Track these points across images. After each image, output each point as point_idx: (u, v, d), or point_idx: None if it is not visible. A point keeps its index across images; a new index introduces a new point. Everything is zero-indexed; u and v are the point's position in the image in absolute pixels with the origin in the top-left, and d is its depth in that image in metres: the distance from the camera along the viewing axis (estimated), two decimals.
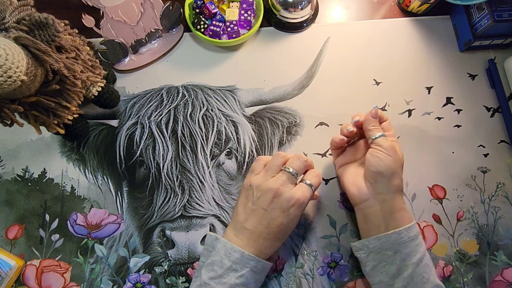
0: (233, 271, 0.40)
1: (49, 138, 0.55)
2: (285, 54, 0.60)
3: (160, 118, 0.54)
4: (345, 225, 0.52)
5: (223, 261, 0.40)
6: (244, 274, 0.40)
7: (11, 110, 0.38)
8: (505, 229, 0.52)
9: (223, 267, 0.40)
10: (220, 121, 0.55)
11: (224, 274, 0.39)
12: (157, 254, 0.49)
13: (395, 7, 0.64)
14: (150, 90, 0.57)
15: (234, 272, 0.40)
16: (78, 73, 0.43)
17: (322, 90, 0.58)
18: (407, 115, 0.57)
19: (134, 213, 0.51)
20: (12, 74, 0.33)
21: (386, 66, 0.60)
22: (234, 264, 0.40)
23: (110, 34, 0.56)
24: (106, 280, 0.49)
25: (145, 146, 0.53)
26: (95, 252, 0.50)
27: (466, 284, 0.50)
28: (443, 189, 0.54)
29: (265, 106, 0.57)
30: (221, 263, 0.40)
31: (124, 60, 0.58)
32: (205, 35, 0.57)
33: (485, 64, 0.60)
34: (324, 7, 0.63)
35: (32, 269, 0.49)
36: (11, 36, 0.34)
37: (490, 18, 0.53)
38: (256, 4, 0.59)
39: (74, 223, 0.51)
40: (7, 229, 0.51)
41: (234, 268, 0.40)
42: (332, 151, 0.52)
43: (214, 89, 0.57)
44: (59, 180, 0.53)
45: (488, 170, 0.55)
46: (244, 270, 0.40)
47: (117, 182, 0.53)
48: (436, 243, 0.51)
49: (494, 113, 0.58)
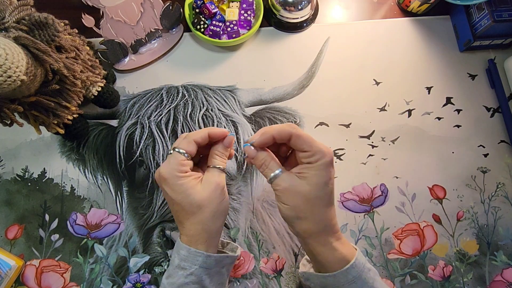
0: (181, 269, 0.37)
1: (49, 138, 0.55)
2: (285, 54, 0.60)
3: (160, 118, 0.54)
4: (345, 225, 0.52)
5: (174, 259, 0.38)
6: (193, 272, 0.36)
7: (11, 110, 0.38)
8: (505, 229, 0.52)
9: (173, 264, 0.38)
10: (220, 121, 0.55)
11: (173, 273, 0.37)
12: (157, 254, 0.49)
13: (395, 7, 0.64)
14: (150, 90, 0.57)
15: (183, 270, 0.37)
16: (78, 73, 0.43)
17: (322, 90, 0.58)
18: (407, 115, 0.57)
19: (134, 213, 0.51)
20: (12, 74, 0.33)
21: (386, 66, 0.60)
22: (182, 262, 0.37)
23: (110, 34, 0.56)
24: (106, 280, 0.49)
25: (145, 146, 0.53)
26: (94, 252, 0.50)
27: (466, 284, 0.50)
28: (443, 189, 0.54)
29: (265, 106, 0.57)
30: (173, 260, 0.38)
31: (124, 60, 0.58)
32: (205, 35, 0.57)
33: (485, 64, 0.60)
34: (324, 7, 0.63)
35: (31, 269, 0.49)
36: (11, 36, 0.34)
37: (490, 18, 0.53)
38: (256, 4, 0.59)
39: (74, 223, 0.51)
40: (6, 229, 0.51)
41: (182, 266, 0.37)
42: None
43: (214, 89, 0.57)
44: (59, 180, 0.53)
45: (488, 170, 0.55)
46: (192, 268, 0.37)
47: (117, 182, 0.53)
48: (436, 243, 0.51)
49: (494, 113, 0.58)
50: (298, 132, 0.35)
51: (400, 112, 0.57)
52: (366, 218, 0.52)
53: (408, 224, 0.52)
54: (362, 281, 0.36)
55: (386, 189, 0.54)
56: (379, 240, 0.51)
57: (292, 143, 0.36)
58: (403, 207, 0.53)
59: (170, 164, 0.37)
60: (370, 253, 0.51)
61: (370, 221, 0.52)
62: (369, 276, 0.37)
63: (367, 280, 0.36)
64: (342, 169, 0.54)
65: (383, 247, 0.51)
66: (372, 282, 0.36)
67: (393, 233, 0.52)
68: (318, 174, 0.35)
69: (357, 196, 0.53)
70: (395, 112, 0.57)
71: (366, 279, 0.36)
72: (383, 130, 0.56)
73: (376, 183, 0.54)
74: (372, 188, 0.54)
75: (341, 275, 0.36)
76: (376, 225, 0.52)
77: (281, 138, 0.36)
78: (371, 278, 0.37)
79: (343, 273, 0.36)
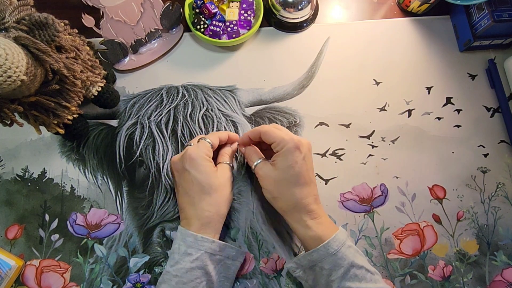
0: (188, 255, 0.40)
1: (49, 138, 0.55)
2: (285, 54, 0.60)
3: (160, 118, 0.54)
4: (345, 225, 0.52)
5: (180, 247, 0.41)
6: (199, 257, 0.40)
7: (11, 110, 0.38)
8: (505, 229, 0.52)
9: (179, 252, 0.40)
10: (220, 121, 0.55)
11: (180, 259, 0.40)
12: (157, 254, 0.49)
13: (395, 7, 0.64)
14: (150, 90, 0.57)
15: (189, 256, 0.40)
16: (78, 73, 0.43)
17: (322, 90, 0.58)
18: (407, 115, 0.57)
19: (134, 213, 0.51)
20: (12, 74, 0.33)
21: (386, 66, 0.60)
22: (189, 248, 0.40)
23: (110, 34, 0.56)
24: (106, 280, 0.49)
25: (145, 146, 0.53)
26: (94, 252, 0.50)
27: (466, 284, 0.50)
28: (443, 189, 0.54)
29: (265, 106, 0.57)
30: (178, 249, 0.41)
31: (124, 60, 0.58)
32: (205, 35, 0.57)
33: (485, 64, 0.60)
34: (324, 7, 0.63)
35: (31, 269, 0.49)
36: (11, 36, 0.34)
37: (490, 18, 0.53)
38: (256, 4, 0.59)
39: (73, 223, 0.51)
40: (6, 229, 0.51)
41: (189, 253, 0.40)
42: None
43: (214, 89, 0.57)
44: (58, 180, 0.53)
45: (488, 170, 0.55)
46: (198, 253, 0.40)
47: (117, 182, 0.53)
48: (436, 243, 0.51)
49: (494, 113, 0.58)
50: (264, 129, 0.44)
51: (400, 112, 0.57)
52: (366, 218, 0.52)
53: (408, 224, 0.52)
54: (342, 253, 0.40)
55: (386, 189, 0.54)
56: (379, 240, 0.51)
57: (263, 138, 0.44)
58: (403, 207, 0.53)
59: (200, 148, 0.44)
60: (370, 253, 0.51)
61: (370, 221, 0.52)
62: (350, 252, 0.41)
63: (346, 255, 0.40)
64: (342, 169, 0.54)
65: (383, 247, 0.51)
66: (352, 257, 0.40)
67: (393, 233, 0.52)
68: (283, 159, 0.42)
69: (357, 196, 0.53)
70: (395, 112, 0.57)
71: (346, 254, 0.40)
72: (383, 130, 0.56)
73: (376, 183, 0.54)
74: (372, 188, 0.54)
75: (323, 248, 0.40)
76: (376, 225, 0.52)
77: (255, 136, 0.45)
78: (351, 254, 0.41)
79: (325, 246, 0.40)
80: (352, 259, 0.40)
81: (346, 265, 0.40)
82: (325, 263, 0.40)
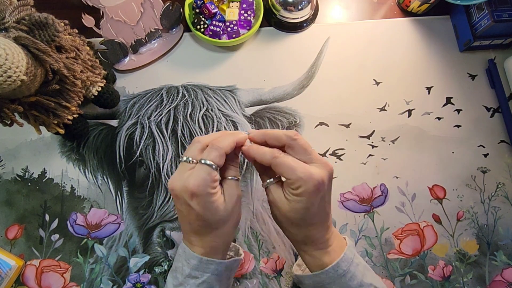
0: (193, 278, 0.37)
1: (49, 138, 0.55)
2: (285, 54, 0.60)
3: (160, 118, 0.54)
4: (345, 225, 0.52)
5: (184, 268, 0.37)
6: (205, 280, 0.37)
7: (11, 110, 0.38)
8: (505, 229, 0.52)
9: (183, 273, 0.37)
10: (220, 121, 0.55)
11: (184, 282, 0.37)
12: (157, 254, 0.49)
13: (395, 7, 0.64)
14: (150, 90, 0.57)
15: (195, 279, 0.37)
16: (78, 73, 0.43)
17: (322, 90, 0.58)
18: (407, 115, 0.57)
19: (134, 213, 0.51)
20: (12, 74, 0.33)
21: (386, 66, 0.60)
22: (193, 271, 0.37)
23: (110, 34, 0.56)
24: (106, 280, 0.49)
25: (145, 146, 0.53)
26: (95, 252, 0.50)
27: (466, 284, 0.50)
28: (443, 189, 0.54)
29: (265, 106, 0.57)
30: (182, 269, 0.38)
31: (124, 60, 0.58)
32: (205, 35, 0.57)
33: (485, 64, 0.60)
34: (324, 7, 0.63)
35: (32, 269, 0.49)
36: (11, 36, 0.34)
37: (490, 18, 0.53)
38: (256, 4, 0.59)
39: (74, 223, 0.51)
40: (7, 229, 0.51)
41: (194, 275, 0.37)
42: None
43: (214, 89, 0.57)
44: (59, 180, 0.53)
45: (488, 170, 0.55)
46: (204, 276, 0.37)
47: (117, 182, 0.53)
48: (436, 243, 0.51)
49: (494, 113, 0.58)
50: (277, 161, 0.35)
51: (400, 112, 0.57)
52: (366, 218, 0.52)
53: (408, 224, 0.52)
54: (352, 273, 0.37)
55: (386, 189, 0.54)
56: (379, 240, 0.51)
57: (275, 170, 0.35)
58: (403, 207, 0.53)
59: (202, 179, 0.33)
60: (370, 253, 0.51)
61: (370, 221, 0.52)
62: (358, 270, 0.38)
63: (355, 274, 0.37)
64: (342, 169, 0.54)
65: (383, 247, 0.51)
66: (361, 276, 0.38)
67: (393, 233, 0.52)
68: (297, 200, 0.35)
69: (357, 196, 0.53)
70: (395, 112, 0.57)
71: (355, 273, 0.37)
72: (383, 130, 0.56)
73: (376, 183, 0.54)
74: (372, 188, 0.54)
75: (332, 270, 0.37)
76: (376, 225, 0.52)
77: (262, 158, 0.36)
78: (360, 272, 0.38)
79: (334, 268, 0.37)
80: (361, 278, 0.37)
81: (355, 285, 0.37)
82: (333, 285, 0.37)
